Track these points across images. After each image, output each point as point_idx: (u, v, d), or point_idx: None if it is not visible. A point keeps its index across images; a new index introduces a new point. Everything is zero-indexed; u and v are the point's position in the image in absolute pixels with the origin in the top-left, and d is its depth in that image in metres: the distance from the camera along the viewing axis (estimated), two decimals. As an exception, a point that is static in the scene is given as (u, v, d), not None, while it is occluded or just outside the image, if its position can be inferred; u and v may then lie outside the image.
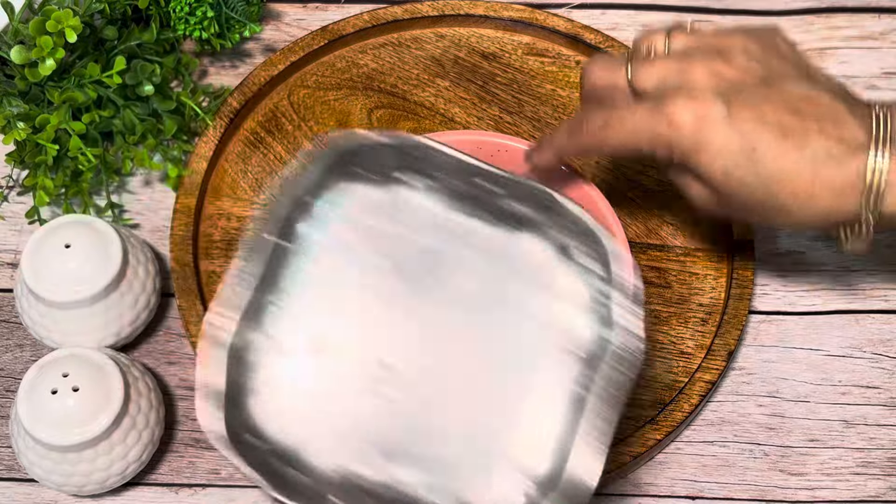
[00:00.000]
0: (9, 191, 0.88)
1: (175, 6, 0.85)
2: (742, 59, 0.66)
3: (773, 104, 0.64)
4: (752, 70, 0.66)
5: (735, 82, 0.65)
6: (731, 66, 0.65)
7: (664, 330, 0.81)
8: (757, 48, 0.67)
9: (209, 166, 0.86)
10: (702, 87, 0.65)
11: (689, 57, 0.66)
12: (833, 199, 0.64)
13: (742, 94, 0.64)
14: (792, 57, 0.68)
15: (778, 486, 0.78)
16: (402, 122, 0.89)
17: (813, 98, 0.64)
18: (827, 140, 0.63)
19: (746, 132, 0.64)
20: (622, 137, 0.67)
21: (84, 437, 0.71)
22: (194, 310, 0.80)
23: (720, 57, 0.66)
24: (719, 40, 0.67)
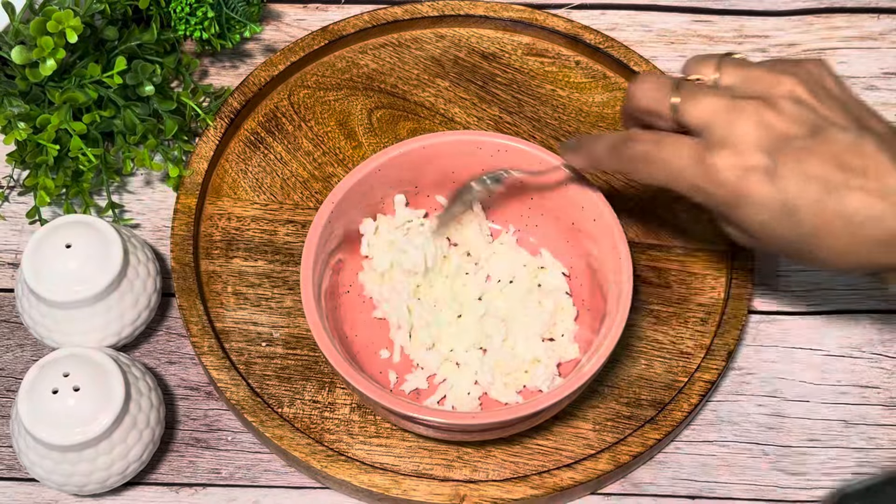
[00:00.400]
0: (10, 191, 0.88)
1: (175, 6, 0.85)
2: (791, 106, 0.64)
3: (819, 156, 0.63)
4: (801, 119, 0.64)
5: (782, 134, 0.64)
6: (780, 116, 0.64)
7: (664, 330, 0.81)
8: (806, 93, 0.65)
9: (210, 166, 0.86)
10: (748, 141, 0.64)
11: (737, 99, 0.65)
12: (874, 252, 0.63)
13: (788, 147, 0.63)
14: (840, 96, 0.66)
15: (778, 486, 0.78)
16: (402, 122, 0.89)
17: (858, 148, 0.63)
18: (869, 197, 0.62)
19: (789, 190, 0.63)
20: (662, 177, 0.67)
21: (85, 437, 0.71)
22: (195, 310, 0.80)
23: (768, 104, 0.64)
24: (768, 81, 0.65)
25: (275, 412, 0.78)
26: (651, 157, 0.67)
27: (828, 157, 0.63)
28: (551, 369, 0.77)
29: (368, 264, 0.80)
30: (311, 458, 0.76)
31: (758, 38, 0.94)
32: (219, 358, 0.79)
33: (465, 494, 0.75)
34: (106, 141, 0.88)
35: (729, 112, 0.64)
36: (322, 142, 0.88)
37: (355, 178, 0.77)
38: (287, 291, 0.83)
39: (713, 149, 0.64)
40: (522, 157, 0.78)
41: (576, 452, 0.77)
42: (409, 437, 0.78)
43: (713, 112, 0.65)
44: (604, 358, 0.71)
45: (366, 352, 0.79)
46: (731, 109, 0.64)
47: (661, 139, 0.67)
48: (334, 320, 0.77)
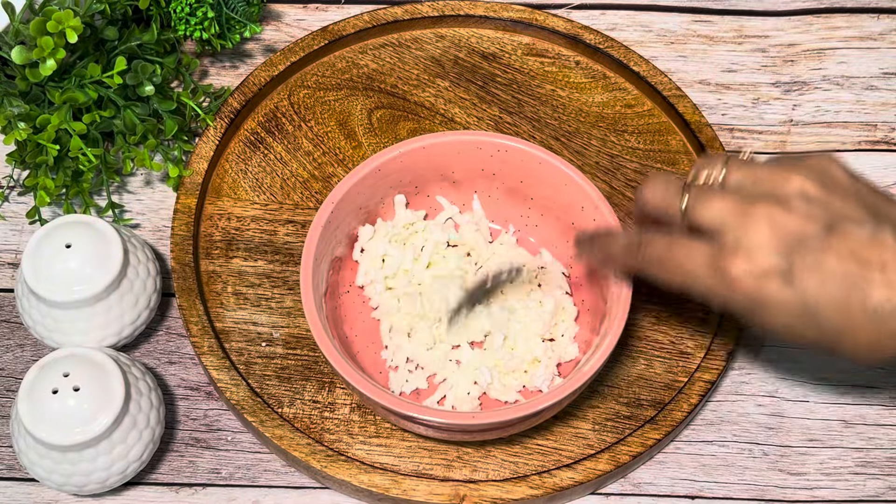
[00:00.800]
0: (10, 191, 0.88)
1: (175, 6, 0.85)
2: (802, 204, 0.63)
3: (836, 253, 0.61)
4: (814, 216, 0.62)
5: (796, 234, 0.62)
6: (792, 215, 0.62)
7: (664, 330, 0.81)
8: (816, 189, 0.63)
9: (209, 166, 0.86)
10: (761, 244, 0.62)
11: (747, 201, 0.63)
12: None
13: (804, 246, 0.62)
14: (853, 190, 0.64)
15: (777, 486, 0.78)
16: (402, 122, 0.89)
17: (876, 241, 0.61)
18: (890, 289, 0.60)
19: (808, 291, 0.61)
20: (677, 282, 0.65)
21: (85, 437, 0.71)
22: (195, 310, 0.80)
23: (779, 204, 0.63)
24: (777, 180, 0.64)
25: (275, 412, 0.78)
26: (665, 263, 0.66)
27: (845, 253, 0.61)
28: (551, 369, 0.77)
29: (365, 267, 0.80)
30: (311, 458, 0.76)
31: (758, 38, 0.94)
32: (219, 358, 0.79)
33: (464, 494, 0.75)
34: (106, 141, 0.88)
35: (740, 215, 0.63)
36: (322, 142, 0.88)
37: (355, 178, 0.77)
38: (287, 291, 0.83)
39: (726, 254, 0.63)
40: (522, 157, 0.78)
41: (575, 452, 0.77)
42: (409, 437, 0.78)
43: (724, 215, 0.63)
44: (604, 358, 0.71)
45: (366, 352, 0.79)
46: (741, 212, 0.63)
47: (673, 244, 0.65)
48: (334, 320, 0.77)
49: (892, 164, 0.89)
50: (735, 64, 0.93)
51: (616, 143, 0.88)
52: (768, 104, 0.91)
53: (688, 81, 0.92)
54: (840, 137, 0.90)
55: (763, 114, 0.91)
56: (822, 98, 0.92)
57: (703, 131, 0.87)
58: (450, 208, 0.82)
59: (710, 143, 0.86)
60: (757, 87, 0.92)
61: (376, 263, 0.80)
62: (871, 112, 0.91)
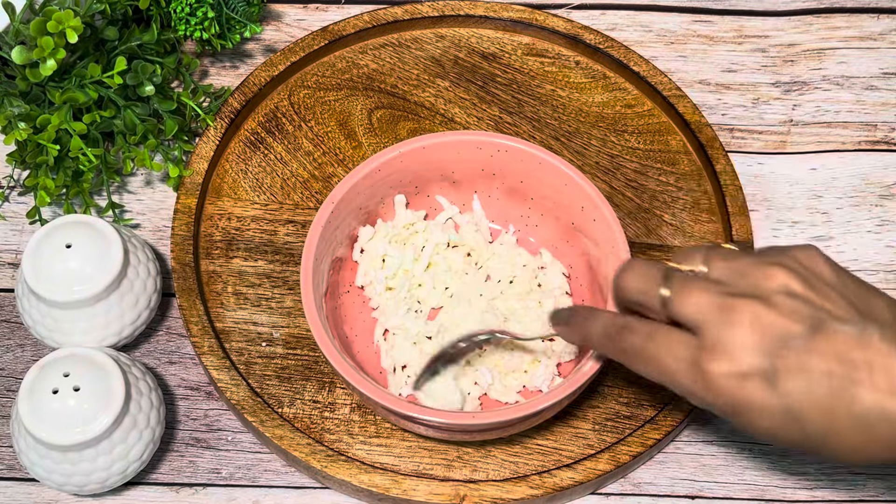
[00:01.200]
0: (10, 191, 0.88)
1: (176, 7, 0.85)
2: (786, 301, 0.60)
3: (821, 355, 0.59)
4: (798, 314, 0.60)
5: (780, 333, 0.60)
6: (775, 313, 0.60)
7: (664, 330, 0.81)
8: (800, 284, 0.61)
9: (210, 166, 0.86)
10: (743, 344, 0.60)
11: (729, 297, 0.61)
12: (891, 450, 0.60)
13: (787, 347, 0.59)
14: (838, 284, 0.62)
15: (777, 486, 0.78)
16: (403, 122, 0.89)
17: (862, 342, 0.59)
18: (877, 393, 0.58)
19: (791, 394, 0.59)
20: (656, 375, 0.63)
21: (85, 437, 0.71)
22: (195, 310, 0.80)
23: (762, 301, 0.60)
24: (760, 275, 0.62)
25: (275, 412, 0.78)
26: (643, 354, 0.63)
27: (830, 354, 0.59)
28: (551, 369, 0.77)
29: (365, 267, 0.80)
30: (311, 458, 0.76)
31: (757, 38, 0.94)
32: (219, 358, 0.79)
33: (465, 494, 0.75)
34: (106, 141, 0.88)
35: (722, 311, 0.60)
36: (322, 142, 0.88)
37: (355, 178, 0.77)
38: (287, 291, 0.83)
39: (707, 353, 0.60)
40: (522, 157, 0.78)
41: (576, 452, 0.77)
42: (409, 437, 0.78)
43: (705, 311, 0.61)
44: (604, 358, 0.71)
45: (366, 352, 0.79)
46: (723, 309, 0.60)
47: (653, 333, 0.63)
48: (334, 320, 0.78)
49: (892, 164, 0.89)
50: (735, 64, 0.93)
51: (616, 143, 0.88)
52: (768, 104, 0.91)
53: (688, 81, 0.92)
54: (840, 137, 0.90)
55: (763, 114, 0.91)
56: (822, 98, 0.92)
57: (703, 131, 0.87)
58: (450, 208, 0.82)
59: (710, 143, 0.86)
60: (757, 87, 0.92)
61: (376, 264, 0.80)
62: (871, 112, 0.91)
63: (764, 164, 0.89)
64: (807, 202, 0.88)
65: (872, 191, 0.88)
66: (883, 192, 0.88)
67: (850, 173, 0.89)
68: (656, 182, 0.86)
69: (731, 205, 0.84)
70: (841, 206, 0.88)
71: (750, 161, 0.89)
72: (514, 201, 0.81)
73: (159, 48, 0.87)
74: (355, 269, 0.81)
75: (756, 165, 0.89)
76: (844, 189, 0.88)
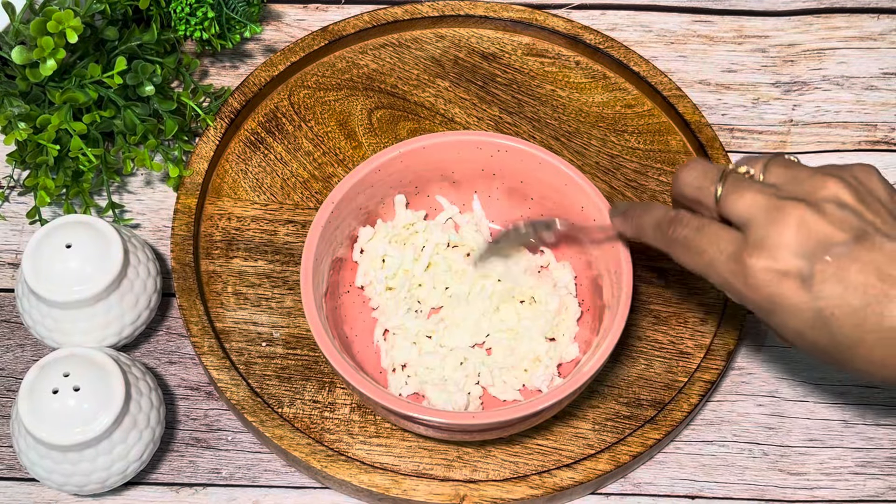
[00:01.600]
0: (10, 191, 0.88)
1: (176, 7, 0.85)
2: (835, 210, 0.62)
3: (861, 264, 0.60)
4: (845, 223, 0.61)
5: (823, 238, 0.61)
6: (823, 219, 0.61)
7: (664, 330, 0.81)
8: (851, 197, 0.62)
9: (210, 166, 0.86)
10: (786, 244, 0.61)
11: (780, 199, 0.63)
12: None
13: (829, 253, 0.61)
14: (889, 204, 0.63)
15: (777, 486, 0.78)
16: (403, 122, 0.89)
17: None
18: None
19: (826, 298, 0.60)
20: (699, 266, 0.65)
21: (85, 437, 0.71)
22: (195, 310, 0.80)
23: (811, 207, 0.62)
24: (814, 183, 0.63)
25: (275, 412, 0.78)
26: (691, 245, 0.65)
27: (870, 265, 0.60)
28: (551, 369, 0.77)
29: (365, 268, 0.80)
30: (311, 458, 0.76)
31: (758, 38, 0.94)
32: (219, 358, 0.79)
33: (465, 494, 0.75)
34: (106, 141, 0.88)
35: (770, 211, 0.62)
36: (322, 142, 0.88)
37: (355, 178, 0.77)
38: (287, 291, 0.83)
39: (751, 248, 0.62)
40: (522, 157, 0.78)
41: (576, 452, 0.77)
42: (409, 437, 0.78)
43: (755, 209, 0.63)
44: (604, 358, 0.71)
45: (366, 352, 0.79)
46: (772, 208, 0.62)
47: (703, 227, 0.65)
48: (334, 320, 0.78)
49: (893, 164, 0.89)
50: (735, 64, 0.93)
51: (616, 143, 0.88)
52: (768, 104, 0.91)
53: (688, 81, 0.92)
54: (840, 137, 0.90)
55: (763, 114, 0.91)
56: (822, 98, 0.92)
57: (703, 131, 0.87)
58: (450, 208, 0.82)
59: (710, 143, 0.86)
60: (757, 87, 0.92)
61: (376, 264, 0.80)
62: (871, 112, 0.91)
63: (764, 164, 0.89)
64: (807, 202, 0.88)
65: (872, 191, 0.88)
66: (883, 192, 0.88)
67: (850, 173, 0.89)
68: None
69: (731, 205, 0.84)
70: (841, 206, 0.87)
71: (750, 161, 0.89)
72: (514, 201, 0.81)
73: (159, 48, 0.87)
74: (355, 269, 0.81)
75: (756, 165, 0.89)
76: (844, 189, 0.88)
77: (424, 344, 0.78)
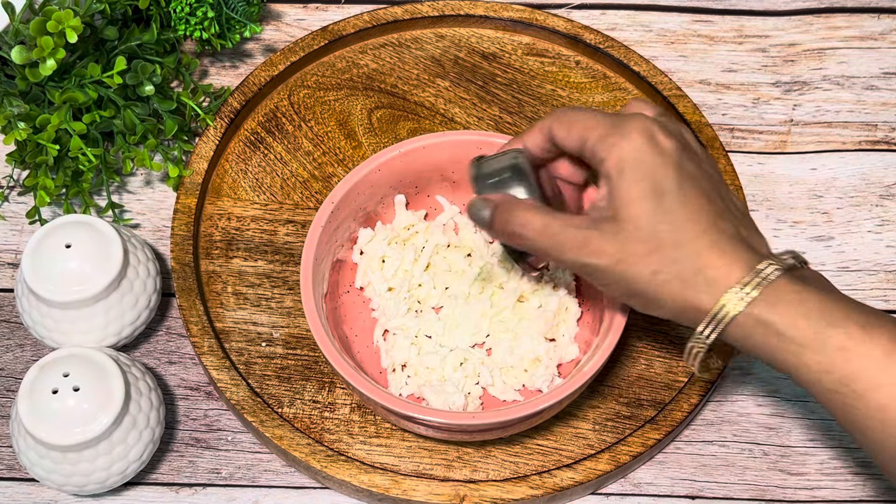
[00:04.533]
0: (9, 191, 0.88)
1: (175, 6, 0.85)
2: (705, 155, 0.67)
3: (712, 184, 0.65)
4: (709, 161, 0.67)
5: (695, 151, 0.66)
6: (697, 146, 0.67)
7: (664, 330, 0.81)
8: (716, 166, 0.68)
9: (209, 166, 0.86)
10: (666, 127, 0.65)
11: (665, 117, 0.68)
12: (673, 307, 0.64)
13: (693, 155, 0.65)
14: (718, 175, 0.68)
15: (777, 486, 0.78)
16: (403, 122, 0.89)
17: (741, 209, 0.66)
18: (738, 227, 0.64)
19: (682, 172, 0.64)
20: (568, 126, 0.67)
21: (85, 437, 0.71)
22: (194, 310, 0.80)
23: (690, 135, 0.67)
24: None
25: (275, 412, 0.78)
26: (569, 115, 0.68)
27: (713, 195, 0.65)
28: (551, 369, 0.77)
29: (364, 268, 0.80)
30: (311, 458, 0.76)
31: (758, 38, 0.94)
32: (219, 358, 0.79)
33: (465, 494, 0.75)
34: (106, 141, 0.88)
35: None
36: (322, 142, 0.88)
37: (355, 178, 0.77)
38: (287, 291, 0.83)
39: (626, 121, 0.66)
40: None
41: (576, 452, 0.77)
42: (409, 437, 0.78)
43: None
44: (604, 358, 0.71)
45: (366, 352, 0.79)
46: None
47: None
48: (334, 320, 0.77)
49: (893, 164, 0.89)
50: (735, 64, 0.93)
51: (616, 143, 0.88)
52: (768, 104, 0.91)
53: (688, 81, 0.92)
54: (840, 137, 0.90)
55: (763, 114, 0.91)
56: (822, 98, 0.92)
57: (704, 131, 0.87)
58: (450, 209, 0.82)
59: (711, 143, 0.86)
60: (757, 87, 0.92)
61: (376, 265, 0.80)
62: (871, 112, 0.91)
63: (764, 164, 0.89)
64: (807, 202, 0.88)
65: (873, 191, 0.88)
66: (883, 192, 0.88)
67: (850, 173, 0.89)
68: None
69: (731, 205, 0.84)
70: (841, 206, 0.88)
71: (750, 161, 0.89)
72: (514, 201, 0.81)
73: (159, 48, 0.87)
74: (355, 270, 0.81)
75: (756, 165, 0.89)
76: (845, 189, 0.88)
77: (424, 344, 0.78)
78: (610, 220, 0.64)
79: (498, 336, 0.78)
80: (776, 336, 0.61)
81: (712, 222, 0.63)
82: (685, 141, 0.66)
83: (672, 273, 0.63)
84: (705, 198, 0.64)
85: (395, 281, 0.79)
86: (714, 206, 0.64)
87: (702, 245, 0.63)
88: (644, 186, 0.63)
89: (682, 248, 0.63)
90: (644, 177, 0.63)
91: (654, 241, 0.63)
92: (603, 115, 0.66)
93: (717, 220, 0.63)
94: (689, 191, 0.63)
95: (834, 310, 0.60)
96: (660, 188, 0.63)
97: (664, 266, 0.63)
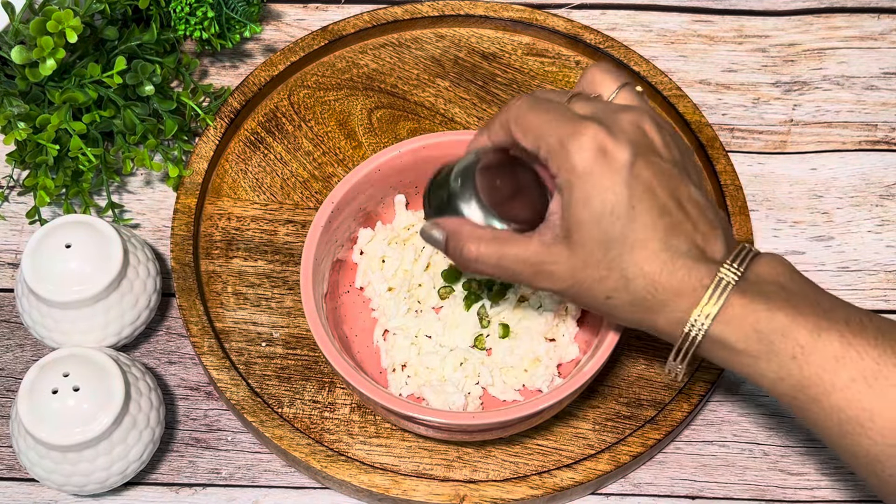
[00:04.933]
0: (9, 191, 0.88)
1: (175, 6, 0.85)
2: (668, 137, 0.65)
3: (669, 189, 0.63)
4: (671, 149, 0.65)
5: (653, 147, 0.64)
6: (657, 134, 0.65)
7: (664, 330, 0.81)
8: (681, 143, 0.67)
9: (209, 166, 0.86)
10: (622, 130, 0.63)
11: (625, 108, 0.65)
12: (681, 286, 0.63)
13: (650, 156, 0.63)
14: (698, 173, 0.67)
15: (778, 486, 0.78)
16: (402, 122, 0.89)
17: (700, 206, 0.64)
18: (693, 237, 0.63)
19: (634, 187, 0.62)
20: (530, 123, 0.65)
21: (85, 437, 0.71)
22: (194, 310, 0.80)
23: (652, 121, 0.65)
24: (656, 115, 0.66)
25: (275, 412, 0.78)
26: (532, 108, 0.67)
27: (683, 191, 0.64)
28: (551, 369, 0.77)
29: (364, 268, 0.80)
30: (311, 458, 0.76)
31: (758, 38, 0.94)
32: (219, 358, 0.79)
33: (465, 494, 0.75)
34: (106, 141, 0.88)
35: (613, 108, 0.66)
36: (322, 142, 0.88)
37: (355, 178, 0.77)
38: (287, 291, 0.83)
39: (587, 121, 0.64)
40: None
41: (576, 452, 0.77)
42: (409, 437, 0.78)
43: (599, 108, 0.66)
44: (604, 358, 0.71)
45: (366, 352, 0.79)
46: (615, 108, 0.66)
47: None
48: (334, 320, 0.77)
49: (893, 164, 0.89)
50: (735, 64, 0.93)
51: (616, 143, 0.88)
52: (768, 104, 0.91)
53: (688, 81, 0.92)
54: (840, 137, 0.90)
55: (763, 114, 0.91)
56: (822, 98, 0.92)
57: (704, 131, 0.87)
58: (450, 208, 0.82)
59: (711, 143, 0.86)
60: (757, 87, 0.92)
61: (375, 265, 0.80)
62: (871, 112, 0.91)
63: (764, 163, 0.89)
64: (807, 202, 0.88)
65: (873, 191, 0.88)
66: (883, 192, 0.88)
67: (850, 173, 0.89)
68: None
69: (731, 204, 0.84)
70: (841, 206, 0.88)
71: (750, 161, 0.89)
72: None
73: (159, 48, 0.87)
74: (355, 270, 0.81)
75: (756, 165, 0.89)
76: (845, 189, 0.88)
77: (424, 344, 0.78)
78: (562, 242, 0.64)
79: (498, 335, 0.78)
80: (729, 350, 0.62)
81: (664, 242, 0.62)
82: (642, 141, 0.64)
83: (624, 298, 0.64)
84: (658, 212, 0.63)
85: (395, 281, 0.79)
86: (666, 219, 0.63)
87: (653, 268, 0.62)
88: (593, 209, 0.63)
89: (632, 271, 0.63)
90: (593, 196, 0.62)
91: (604, 265, 0.63)
92: (558, 114, 0.65)
93: (670, 237, 0.63)
94: (640, 207, 0.62)
95: (783, 318, 0.61)
96: (609, 210, 0.62)
97: (616, 291, 0.64)
